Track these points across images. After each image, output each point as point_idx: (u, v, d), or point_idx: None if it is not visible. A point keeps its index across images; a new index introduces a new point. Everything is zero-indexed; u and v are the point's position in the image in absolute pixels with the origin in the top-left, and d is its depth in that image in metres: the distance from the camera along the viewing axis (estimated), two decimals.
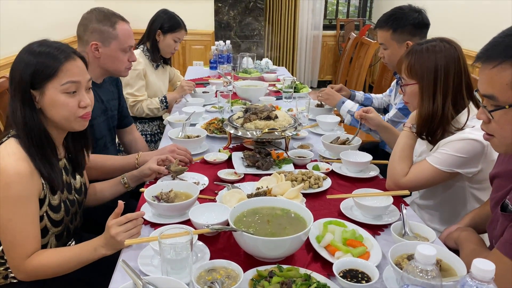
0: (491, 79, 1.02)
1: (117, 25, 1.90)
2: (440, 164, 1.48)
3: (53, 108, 1.28)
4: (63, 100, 1.27)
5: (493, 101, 1.03)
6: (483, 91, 1.06)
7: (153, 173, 1.67)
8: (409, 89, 1.59)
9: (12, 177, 1.19)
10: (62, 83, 1.26)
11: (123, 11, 3.35)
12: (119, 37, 1.90)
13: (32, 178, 1.23)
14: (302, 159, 1.82)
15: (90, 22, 1.86)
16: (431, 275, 0.81)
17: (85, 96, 1.33)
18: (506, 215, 1.09)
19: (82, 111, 1.32)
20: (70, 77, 1.27)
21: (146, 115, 2.75)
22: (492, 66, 1.01)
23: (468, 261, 1.05)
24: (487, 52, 1.04)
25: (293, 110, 2.49)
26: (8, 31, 3.06)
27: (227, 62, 3.68)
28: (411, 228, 1.29)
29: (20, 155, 1.22)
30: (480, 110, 1.10)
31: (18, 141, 1.25)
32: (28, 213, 1.23)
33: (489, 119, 1.07)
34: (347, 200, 1.49)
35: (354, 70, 3.91)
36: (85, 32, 1.87)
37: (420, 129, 1.56)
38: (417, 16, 2.07)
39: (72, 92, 1.29)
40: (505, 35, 1.02)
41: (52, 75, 1.25)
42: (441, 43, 1.53)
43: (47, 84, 1.26)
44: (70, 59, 1.29)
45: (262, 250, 1.15)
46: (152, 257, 1.17)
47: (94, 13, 1.88)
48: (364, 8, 6.90)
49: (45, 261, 1.23)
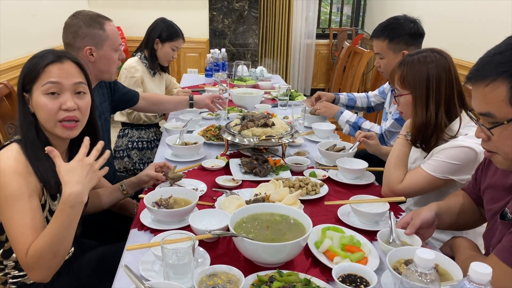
0: (485, 98, 1.04)
1: (105, 26, 1.90)
2: (434, 171, 1.51)
3: (37, 111, 1.30)
4: (43, 101, 1.28)
5: (491, 118, 1.05)
6: (479, 110, 1.07)
7: (151, 180, 1.68)
8: (403, 99, 1.62)
9: (10, 176, 1.21)
10: (42, 84, 1.28)
11: (120, 19, 3.38)
12: (110, 37, 1.90)
13: (28, 177, 1.25)
14: (299, 166, 1.84)
15: (79, 28, 1.85)
16: (430, 279, 0.84)
17: (69, 99, 1.30)
18: (505, 223, 1.12)
19: (63, 114, 1.30)
20: (49, 78, 1.28)
21: (143, 122, 2.76)
22: (485, 84, 1.02)
23: (464, 266, 1.07)
24: (477, 72, 1.05)
25: (289, 117, 2.52)
26: (4, 37, 3.06)
27: (222, 69, 3.71)
28: (398, 235, 1.29)
29: (19, 157, 1.25)
30: (478, 129, 1.11)
31: (19, 145, 1.27)
32: (27, 210, 1.22)
33: (489, 137, 1.08)
34: (344, 206, 1.52)
35: (347, 78, 3.95)
36: (76, 38, 1.85)
37: (414, 137, 1.59)
38: (413, 26, 2.12)
39: (52, 94, 1.29)
40: (493, 54, 1.04)
41: (36, 77, 1.28)
42: (432, 54, 1.57)
43: (33, 86, 1.29)
44: (55, 62, 1.29)
45: (262, 255, 1.16)
46: (153, 262, 1.18)
47: (80, 18, 1.86)
48: (357, 17, 6.99)
49: (34, 246, 1.18)
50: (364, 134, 1.93)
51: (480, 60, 1.07)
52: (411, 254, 1.14)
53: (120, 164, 2.74)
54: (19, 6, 3.31)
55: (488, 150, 1.12)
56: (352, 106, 2.72)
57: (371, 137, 1.93)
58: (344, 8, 7.06)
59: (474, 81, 1.06)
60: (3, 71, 3.02)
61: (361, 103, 2.71)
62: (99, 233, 1.74)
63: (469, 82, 1.08)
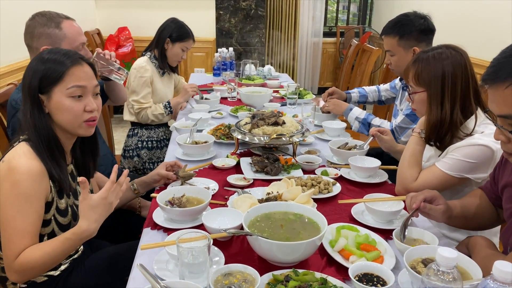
0: (505, 100, 1.01)
1: (62, 24, 1.84)
2: (449, 170, 1.49)
3: (59, 112, 1.31)
4: (68, 104, 1.30)
5: (511, 120, 1.03)
6: (498, 112, 1.05)
7: (162, 179, 1.68)
8: (417, 97, 1.60)
9: (23, 175, 1.21)
10: (67, 87, 1.29)
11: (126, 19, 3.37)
12: (68, 36, 1.84)
13: (42, 178, 1.25)
14: (310, 165, 1.83)
15: (34, 28, 1.80)
16: (452, 278, 0.82)
17: (91, 100, 1.34)
18: None
19: (88, 115, 1.34)
20: (75, 82, 1.30)
21: (151, 122, 2.76)
22: (505, 86, 1.00)
23: (483, 264, 1.06)
24: (495, 74, 1.03)
25: (298, 116, 2.51)
26: (6, 39, 3.06)
27: (230, 69, 3.71)
28: (412, 233, 1.28)
29: (31, 155, 1.25)
30: (497, 131, 1.09)
31: (29, 144, 1.28)
32: (31, 213, 1.23)
33: (509, 139, 1.06)
34: (358, 205, 1.50)
35: (356, 76, 3.93)
36: (33, 39, 1.81)
37: (428, 135, 1.57)
38: (423, 22, 2.09)
39: (77, 97, 1.31)
40: (509, 55, 1.02)
41: (58, 80, 1.29)
42: (447, 50, 1.54)
43: (53, 88, 1.29)
44: (76, 64, 1.31)
45: (277, 254, 1.15)
46: (167, 261, 1.17)
47: (36, 18, 1.83)
48: (364, 15, 6.95)
49: (29, 256, 1.21)
50: (378, 129, 1.92)
51: (497, 61, 1.04)
52: (428, 253, 1.13)
53: (130, 163, 2.75)
54: (22, 8, 3.31)
55: (508, 152, 1.10)
56: (364, 102, 2.71)
57: (385, 133, 1.91)
58: (350, 6, 7.03)
59: (491, 83, 1.04)
60: (6, 74, 3.02)
61: (372, 97, 2.71)
62: (108, 232, 1.74)
63: (486, 84, 1.06)
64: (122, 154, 2.81)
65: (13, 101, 1.77)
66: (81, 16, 4.80)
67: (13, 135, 1.67)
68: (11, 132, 1.75)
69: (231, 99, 3.02)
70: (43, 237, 1.33)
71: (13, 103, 1.76)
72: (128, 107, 2.79)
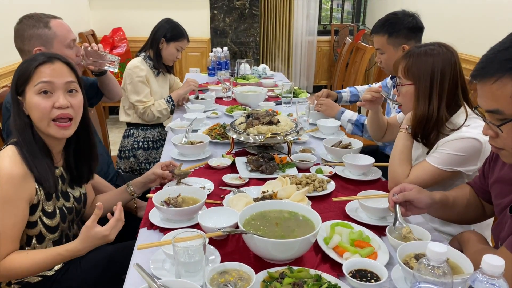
0: (493, 95, 1.03)
1: (50, 24, 1.85)
2: (440, 164, 1.51)
3: (31, 111, 1.32)
4: (36, 100, 1.30)
5: (499, 115, 1.04)
6: (486, 107, 1.07)
7: (158, 178, 1.69)
8: (404, 89, 1.62)
9: (2, 178, 1.22)
10: (35, 84, 1.30)
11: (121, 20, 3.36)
12: (58, 34, 1.86)
13: (25, 182, 1.26)
14: (305, 163, 1.85)
15: (24, 31, 1.81)
16: (442, 272, 0.84)
17: (60, 97, 1.32)
18: None
19: (57, 112, 1.32)
20: (41, 78, 1.30)
21: (157, 119, 2.76)
22: (492, 81, 1.02)
23: (474, 259, 1.08)
24: (483, 70, 1.04)
25: (293, 114, 2.52)
26: (4, 40, 3.06)
27: (225, 68, 3.72)
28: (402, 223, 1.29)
29: (15, 158, 1.27)
30: (486, 126, 1.11)
31: (16, 147, 1.29)
32: (12, 216, 1.24)
33: (497, 134, 1.08)
34: (352, 202, 1.52)
35: (350, 74, 3.95)
36: (24, 42, 1.83)
37: (414, 130, 1.59)
38: (411, 20, 2.13)
39: (45, 93, 1.31)
40: (498, 51, 1.03)
41: (28, 79, 1.31)
42: (439, 48, 1.57)
43: (25, 88, 1.31)
44: (46, 63, 1.32)
45: (272, 252, 1.16)
46: (164, 261, 1.18)
47: (24, 21, 1.84)
48: (358, 13, 6.97)
49: (18, 264, 1.25)
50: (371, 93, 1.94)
51: (485, 58, 1.06)
52: (420, 248, 1.14)
53: (126, 164, 2.75)
54: (19, 9, 3.30)
55: (496, 146, 1.12)
56: (356, 101, 2.73)
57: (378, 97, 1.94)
58: (344, 4, 7.05)
59: (480, 79, 1.05)
60: (3, 75, 3.02)
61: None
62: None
63: (475, 80, 1.07)
64: (118, 155, 2.81)
65: (7, 103, 1.78)
66: (75, 17, 4.80)
67: (7, 138, 1.68)
68: (6, 135, 1.76)
69: (226, 99, 3.04)
70: (31, 239, 1.35)
71: (7, 106, 1.77)
72: (124, 108, 2.80)
